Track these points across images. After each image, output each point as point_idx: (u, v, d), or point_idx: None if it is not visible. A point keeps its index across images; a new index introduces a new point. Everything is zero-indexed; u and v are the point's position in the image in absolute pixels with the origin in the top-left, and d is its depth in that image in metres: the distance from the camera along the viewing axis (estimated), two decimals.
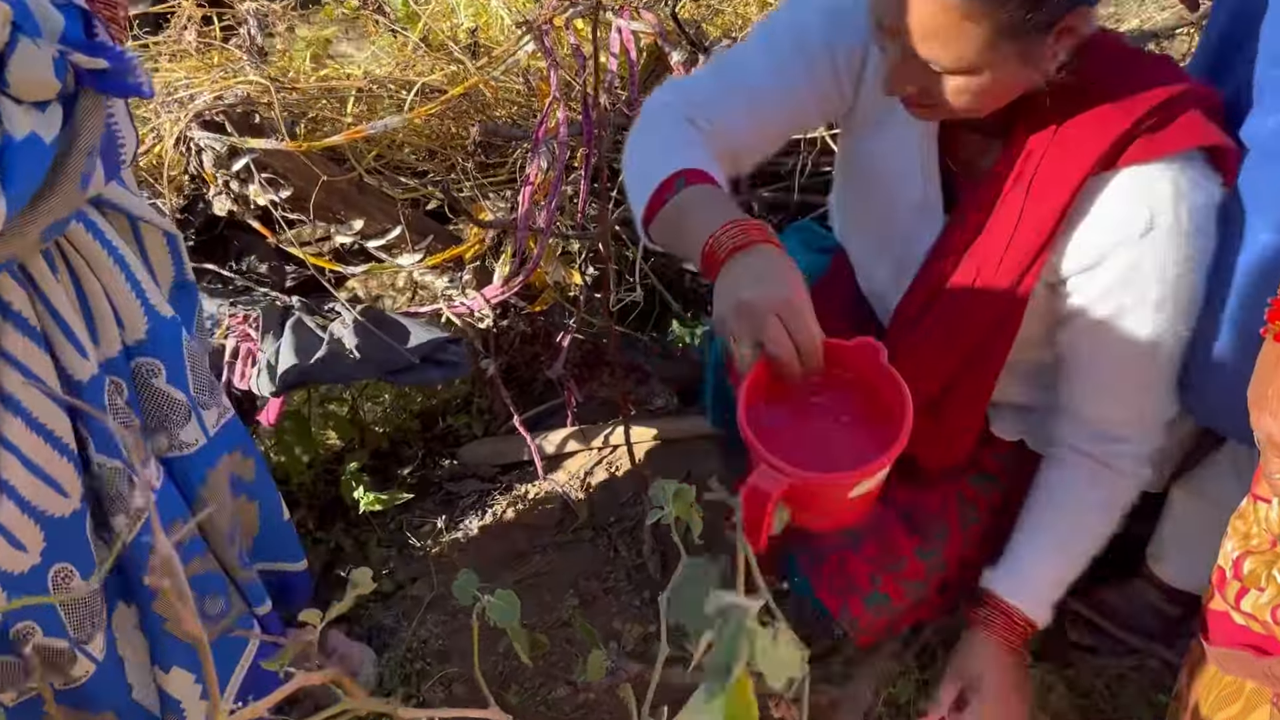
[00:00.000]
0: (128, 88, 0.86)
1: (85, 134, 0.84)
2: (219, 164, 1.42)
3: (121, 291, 1.02)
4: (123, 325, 1.04)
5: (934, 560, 1.41)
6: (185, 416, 1.12)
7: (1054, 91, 1.15)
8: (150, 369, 1.07)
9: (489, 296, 1.66)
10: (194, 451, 1.13)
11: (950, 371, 1.29)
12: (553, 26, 1.66)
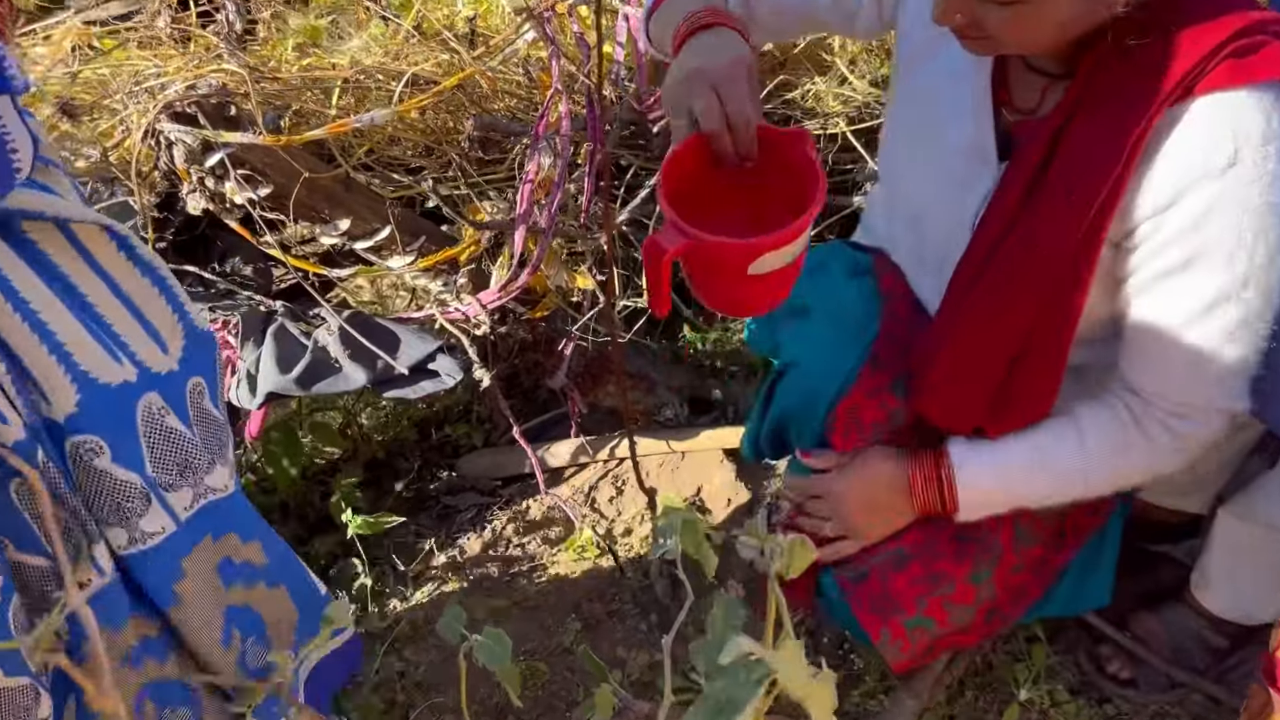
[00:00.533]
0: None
1: None
2: (191, 159, 1.32)
3: (39, 358, 0.86)
4: (48, 399, 0.87)
5: (985, 585, 1.31)
6: (144, 502, 0.94)
7: (1125, 23, 1.03)
8: (91, 448, 0.90)
9: (485, 302, 1.55)
10: (161, 541, 0.96)
11: (1022, 331, 1.16)
12: (555, 13, 1.54)
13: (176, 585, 1.01)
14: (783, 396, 1.40)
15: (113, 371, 0.92)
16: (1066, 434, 1.22)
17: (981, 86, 1.20)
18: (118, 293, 0.99)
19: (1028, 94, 1.19)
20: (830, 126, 1.76)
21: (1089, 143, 1.08)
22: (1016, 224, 1.14)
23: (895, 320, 1.35)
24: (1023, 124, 1.19)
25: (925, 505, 1.27)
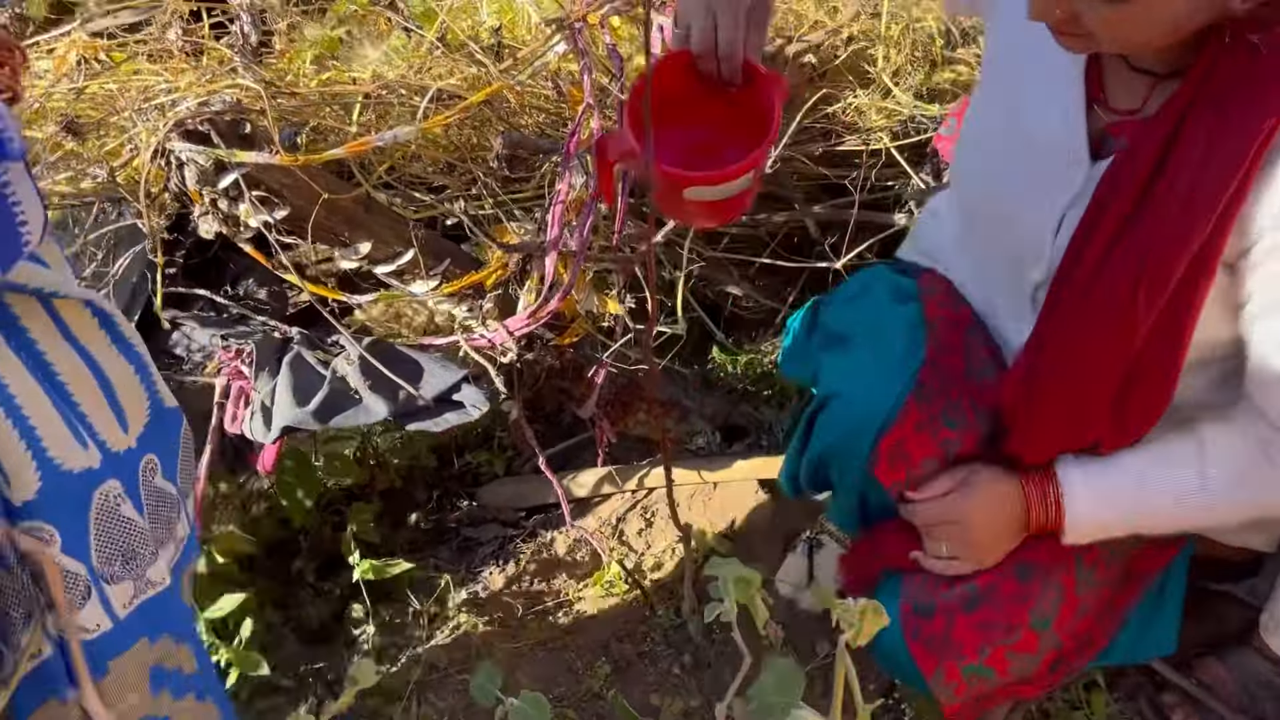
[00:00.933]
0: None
1: None
2: (204, 180, 1.24)
3: (6, 441, 0.80)
4: (8, 481, 0.81)
5: (1048, 633, 1.22)
6: (83, 594, 0.88)
7: (1246, 21, 0.96)
8: (41, 536, 0.84)
9: (513, 329, 1.46)
10: (94, 638, 0.89)
11: (1130, 360, 1.09)
12: (586, 24, 1.46)
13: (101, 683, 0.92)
14: (823, 431, 1.31)
15: (77, 457, 0.86)
16: (1187, 458, 1.14)
17: (1075, 82, 1.12)
18: (93, 368, 0.92)
19: (1128, 94, 1.11)
20: (873, 142, 1.67)
21: (1207, 148, 1.00)
22: (1124, 236, 1.06)
23: (941, 347, 1.26)
24: (1125, 125, 1.11)
25: (1039, 524, 1.19)
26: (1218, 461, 1.13)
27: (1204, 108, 1.01)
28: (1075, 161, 1.13)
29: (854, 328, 1.38)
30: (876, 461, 1.24)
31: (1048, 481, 1.19)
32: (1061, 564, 1.24)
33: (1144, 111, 1.09)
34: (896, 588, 1.27)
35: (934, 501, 1.22)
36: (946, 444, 1.23)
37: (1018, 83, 1.19)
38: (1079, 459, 1.19)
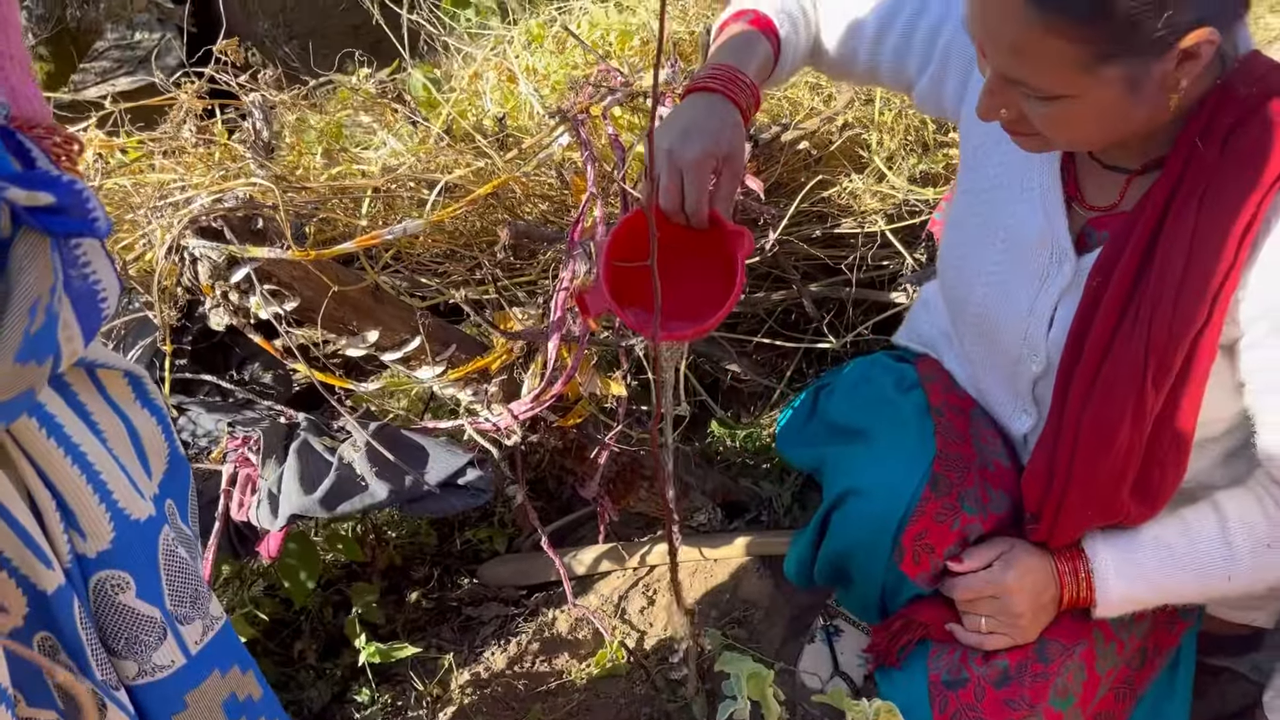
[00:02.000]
0: (77, 226, 0.69)
1: (24, 286, 0.67)
2: (216, 275, 1.26)
3: (82, 496, 0.83)
4: (84, 535, 0.85)
5: (1070, 711, 1.24)
6: (160, 636, 0.91)
7: (1214, 113, 1.02)
8: (116, 583, 0.88)
9: (517, 413, 1.48)
10: (170, 674, 0.93)
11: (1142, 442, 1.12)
12: (589, 115, 1.50)
13: (176, 718, 0.95)
14: (842, 528, 1.33)
15: (140, 507, 0.90)
16: (1209, 530, 1.18)
17: (1051, 180, 1.18)
18: (130, 430, 0.95)
19: (1103, 191, 1.16)
20: (868, 225, 1.71)
21: (1193, 238, 1.05)
22: (1120, 327, 1.10)
23: (950, 435, 1.29)
24: (1108, 219, 1.15)
25: (1071, 600, 1.23)
26: (1240, 531, 1.16)
27: (1185, 200, 1.05)
28: (1061, 257, 1.17)
29: (861, 419, 1.41)
30: (902, 556, 1.26)
31: (1078, 558, 1.23)
32: (1082, 641, 1.26)
33: (1123, 205, 1.14)
34: (924, 660, 1.28)
35: (977, 575, 1.23)
36: (968, 529, 1.26)
37: (992, 181, 1.23)
38: (1105, 534, 1.23)
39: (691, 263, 1.20)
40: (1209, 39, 0.93)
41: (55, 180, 0.67)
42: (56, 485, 0.81)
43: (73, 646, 0.85)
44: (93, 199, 0.70)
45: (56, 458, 0.80)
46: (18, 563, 0.79)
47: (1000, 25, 0.96)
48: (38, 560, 0.79)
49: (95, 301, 0.77)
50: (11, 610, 0.80)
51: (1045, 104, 1.00)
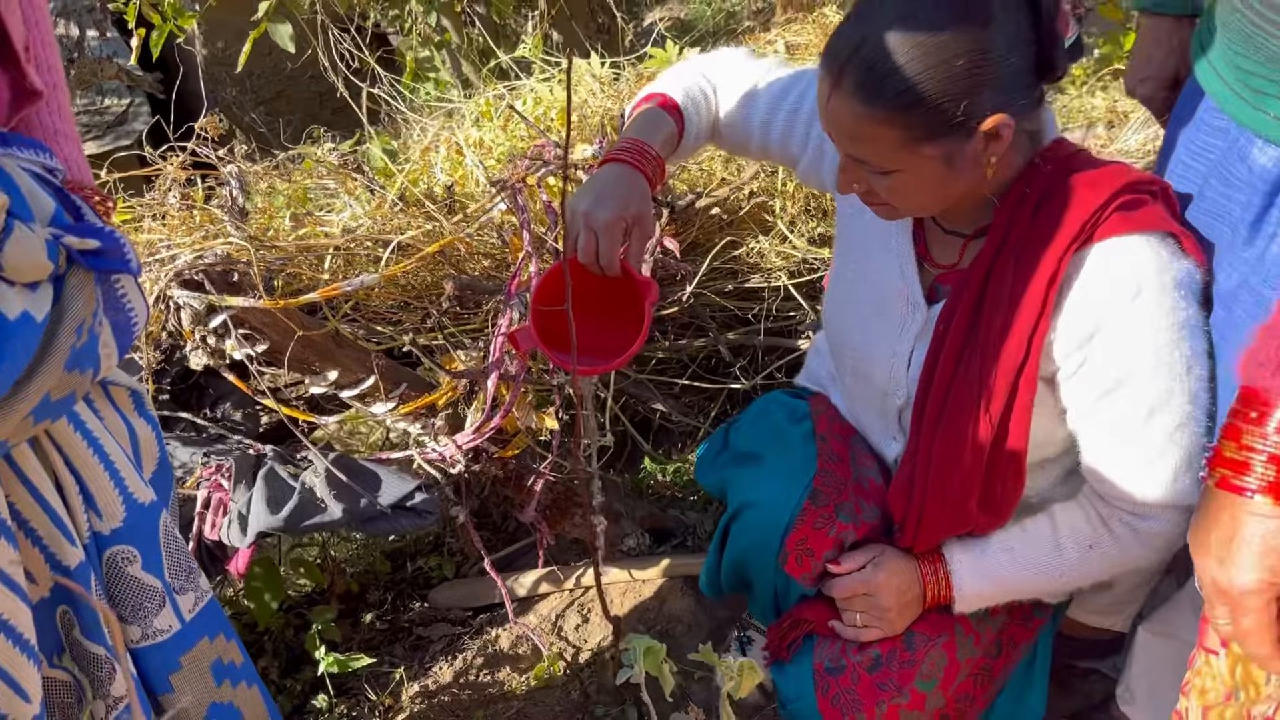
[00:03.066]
0: (117, 265, 0.90)
1: (74, 310, 0.87)
2: (196, 321, 1.46)
3: (100, 481, 1.02)
4: (100, 514, 1.03)
5: (934, 694, 1.44)
6: (160, 604, 1.09)
7: (1027, 187, 1.26)
8: (126, 556, 1.06)
9: (461, 443, 1.68)
10: (168, 638, 1.10)
11: (985, 459, 1.33)
12: (525, 185, 1.73)
13: (172, 676, 1.13)
14: (738, 536, 1.54)
15: (144, 493, 1.08)
16: (1044, 535, 1.39)
17: (905, 244, 1.41)
18: (131, 435, 1.14)
19: (946, 251, 1.39)
20: (774, 280, 1.94)
21: (1012, 287, 1.27)
22: (960, 364, 1.32)
23: (831, 457, 1.50)
24: (948, 274, 1.39)
25: (933, 598, 1.43)
26: (1069, 536, 1.38)
27: (1006, 259, 1.29)
28: (915, 307, 1.40)
29: (758, 446, 1.62)
30: (786, 559, 1.46)
31: (938, 561, 1.44)
32: (944, 634, 1.46)
33: (961, 264, 1.37)
34: (810, 651, 1.49)
35: (852, 576, 1.44)
36: (842, 536, 1.46)
37: (861, 245, 1.46)
38: (961, 540, 1.43)
39: (608, 309, 1.41)
40: (1005, 123, 1.17)
41: (100, 230, 0.88)
42: (80, 471, 1.00)
43: (88, 616, 1.03)
44: (128, 245, 0.91)
45: (81, 448, 0.99)
46: (47, 540, 0.97)
47: (841, 118, 1.20)
48: (64, 538, 0.97)
49: (129, 325, 0.97)
50: (40, 583, 0.99)
51: (884, 177, 1.24)
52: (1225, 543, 0.85)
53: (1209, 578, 0.88)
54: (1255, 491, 0.83)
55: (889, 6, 1.15)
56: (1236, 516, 0.85)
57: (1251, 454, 0.84)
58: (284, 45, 3.25)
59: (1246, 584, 0.84)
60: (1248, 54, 1.17)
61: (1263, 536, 0.83)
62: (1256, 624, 0.85)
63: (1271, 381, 0.82)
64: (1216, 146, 1.27)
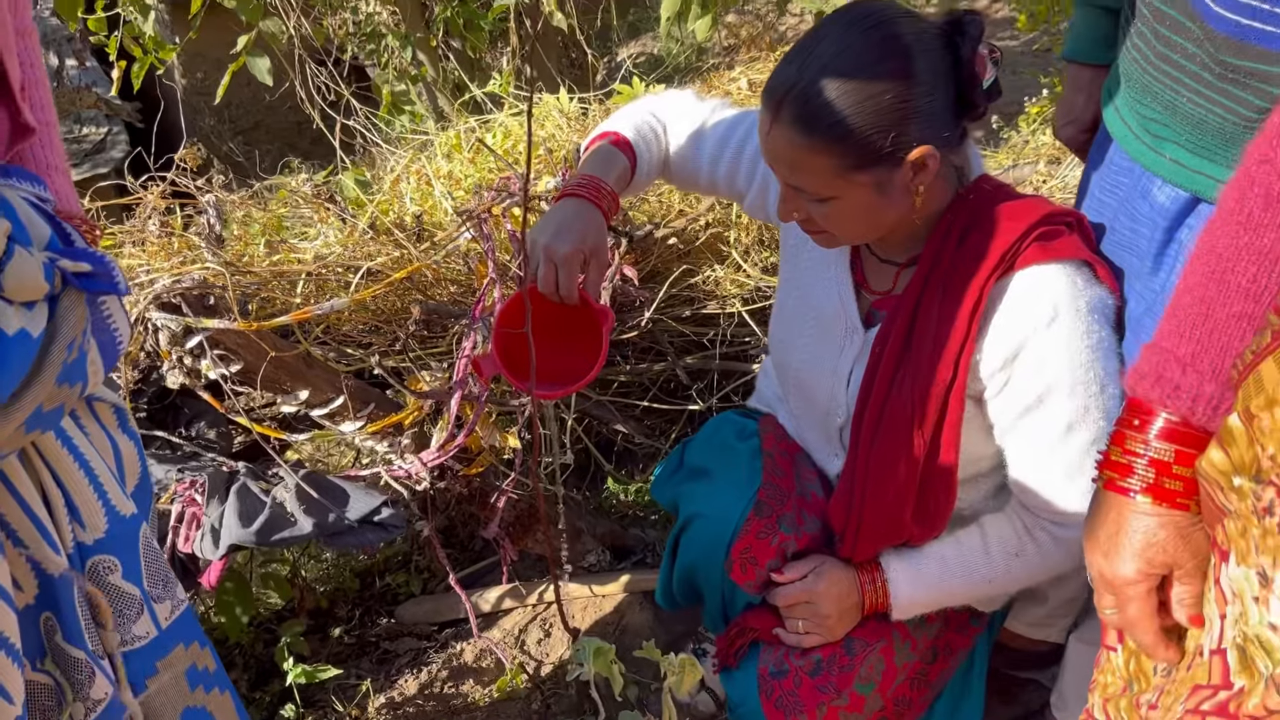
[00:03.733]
0: (106, 287, 0.98)
1: (66, 328, 0.95)
2: (174, 341, 1.53)
3: (85, 493, 1.07)
4: (84, 525, 1.08)
5: (872, 696, 1.52)
6: (138, 611, 1.15)
7: (953, 218, 1.36)
8: (107, 566, 1.11)
9: (426, 461, 1.76)
10: (145, 644, 1.15)
11: (919, 472, 1.42)
12: (490, 215, 1.82)
13: (149, 680, 1.18)
14: (688, 546, 1.62)
15: (126, 506, 1.14)
16: (974, 544, 1.48)
17: (844, 272, 1.51)
18: (114, 450, 1.20)
19: (881, 279, 1.49)
20: (729, 307, 2.04)
21: (939, 315, 1.37)
22: (894, 384, 1.42)
23: (775, 472, 1.59)
24: (883, 300, 1.48)
25: (872, 605, 1.52)
26: (996, 545, 1.47)
27: (933, 286, 1.39)
28: (853, 330, 1.50)
29: (708, 463, 1.71)
30: (730, 566, 1.55)
31: (875, 570, 1.52)
32: (882, 639, 1.55)
33: (895, 290, 1.47)
34: (755, 657, 1.57)
35: (794, 584, 1.52)
36: (784, 545, 1.55)
37: (804, 273, 1.56)
38: (898, 551, 1.52)
39: (568, 335, 1.50)
40: (930, 154, 1.27)
41: (91, 254, 0.96)
42: (66, 484, 1.06)
43: (70, 622, 1.08)
44: (116, 268, 0.98)
45: (67, 462, 1.06)
46: (33, 549, 1.03)
47: (780, 148, 1.30)
48: (49, 547, 1.03)
49: (114, 344, 1.05)
50: (25, 590, 1.05)
51: (821, 205, 1.33)
52: (1111, 538, 0.94)
53: (1097, 570, 0.97)
54: (1137, 492, 0.92)
55: (822, 47, 1.25)
56: (1121, 514, 0.93)
57: (1134, 458, 0.93)
58: (262, 78, 3.34)
59: (1128, 574, 0.93)
60: (1147, 102, 1.29)
61: (1143, 532, 0.92)
62: (1139, 612, 0.94)
63: (1152, 392, 0.92)
64: (1123, 184, 1.38)
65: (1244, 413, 0.77)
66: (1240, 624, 0.79)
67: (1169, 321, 0.92)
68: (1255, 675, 0.77)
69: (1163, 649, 0.94)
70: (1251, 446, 0.77)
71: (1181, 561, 0.92)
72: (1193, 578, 0.93)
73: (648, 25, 5.81)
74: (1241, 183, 0.88)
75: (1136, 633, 0.96)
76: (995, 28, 6.02)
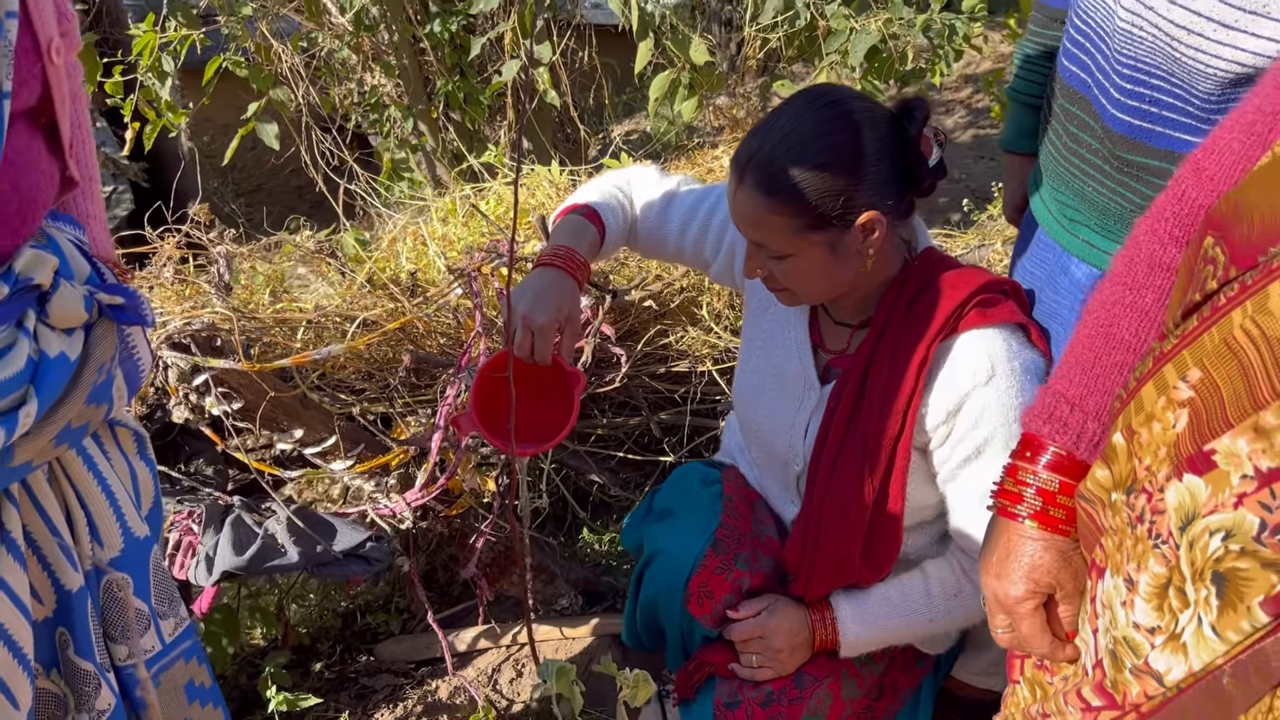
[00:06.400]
0: (135, 318, 1.11)
1: (98, 353, 1.08)
2: (181, 379, 1.66)
3: (105, 514, 1.17)
4: (102, 544, 1.18)
5: None
6: (146, 626, 1.23)
7: (902, 285, 1.51)
8: (119, 583, 1.19)
9: (410, 500, 1.88)
10: (149, 657, 1.24)
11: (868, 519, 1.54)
12: (479, 273, 1.97)
13: (152, 694, 1.28)
14: (650, 581, 1.74)
15: (140, 528, 1.25)
16: (917, 585, 1.61)
17: (802, 333, 1.65)
18: (133, 475, 1.32)
19: (836, 339, 1.63)
20: (700, 366, 2.18)
21: (888, 374, 1.51)
22: (847, 435, 1.55)
23: (733, 515, 1.72)
24: (838, 359, 1.63)
25: (821, 642, 1.63)
26: (937, 586, 1.60)
27: (884, 346, 1.53)
28: (810, 386, 1.64)
29: (672, 504, 1.83)
30: (688, 599, 1.66)
31: (826, 609, 1.64)
32: (830, 675, 1.66)
33: (849, 350, 1.62)
34: (711, 690, 1.67)
35: (748, 620, 1.64)
36: (739, 581, 1.67)
37: (766, 333, 1.71)
38: (847, 592, 1.64)
39: (542, 393, 1.62)
40: (878, 219, 1.42)
41: (124, 289, 1.10)
42: (88, 504, 1.16)
43: (82, 636, 1.16)
44: (145, 303, 1.12)
45: (90, 484, 1.16)
46: (53, 564, 1.12)
47: (744, 208, 1.44)
48: (68, 564, 1.13)
49: (137, 371, 1.18)
50: (45, 603, 1.14)
51: (780, 262, 1.48)
52: (1002, 560, 1.06)
53: (990, 591, 1.08)
54: (1026, 517, 1.05)
55: (782, 121, 1.42)
56: (1010, 539, 1.06)
57: (1024, 487, 1.06)
58: (269, 143, 3.53)
59: (1018, 594, 1.05)
60: (1062, 190, 1.45)
61: (1029, 555, 1.04)
62: (1030, 628, 1.05)
63: (1044, 428, 1.05)
64: (1047, 260, 1.54)
65: (1125, 430, 0.90)
66: (1111, 630, 0.91)
67: (1062, 367, 1.06)
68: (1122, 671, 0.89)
69: (1060, 651, 1.05)
70: (1130, 460, 0.89)
71: (1063, 582, 1.04)
72: (1072, 598, 1.05)
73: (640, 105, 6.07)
74: (1129, 250, 1.03)
75: (1031, 645, 1.07)
76: (976, 115, 6.30)
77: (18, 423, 1.01)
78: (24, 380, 1.02)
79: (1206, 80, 1.17)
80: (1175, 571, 0.82)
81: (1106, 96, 1.30)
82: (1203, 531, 0.79)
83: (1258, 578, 0.75)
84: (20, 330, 1.03)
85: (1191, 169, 0.96)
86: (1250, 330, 0.77)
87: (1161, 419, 0.86)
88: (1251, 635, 0.76)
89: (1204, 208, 0.95)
